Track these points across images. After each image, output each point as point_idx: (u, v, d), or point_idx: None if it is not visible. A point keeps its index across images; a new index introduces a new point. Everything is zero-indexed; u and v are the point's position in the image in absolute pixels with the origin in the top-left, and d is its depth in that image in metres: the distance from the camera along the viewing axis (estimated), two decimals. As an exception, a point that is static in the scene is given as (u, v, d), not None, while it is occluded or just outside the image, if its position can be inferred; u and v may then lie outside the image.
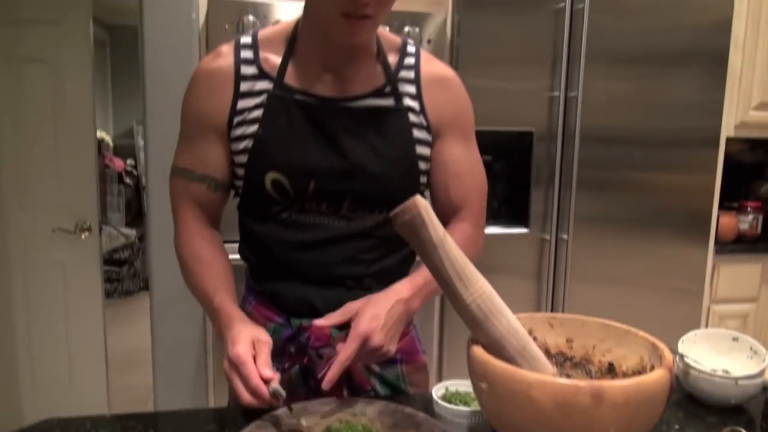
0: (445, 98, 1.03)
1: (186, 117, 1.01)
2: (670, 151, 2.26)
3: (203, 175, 1.00)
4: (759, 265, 2.50)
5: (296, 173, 0.97)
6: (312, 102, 0.97)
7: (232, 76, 0.97)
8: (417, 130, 1.01)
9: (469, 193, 1.06)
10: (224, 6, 1.87)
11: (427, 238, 0.73)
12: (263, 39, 1.00)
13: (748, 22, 2.36)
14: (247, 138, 0.97)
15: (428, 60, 1.04)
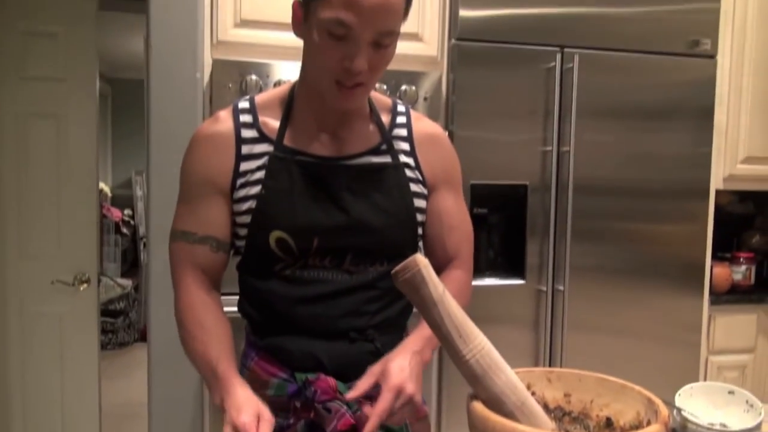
0: (437, 155, 1.09)
1: (187, 179, 1.03)
2: (662, 202, 2.31)
3: (205, 237, 1.01)
4: (754, 315, 2.51)
5: (300, 231, 0.99)
6: (312, 161, 1.01)
7: (232, 139, 1.00)
8: (414, 184, 1.06)
9: (461, 243, 1.12)
10: (228, 66, 1.94)
11: (427, 296, 0.76)
12: (261, 103, 1.04)
13: (731, 80, 2.46)
14: (250, 199, 1.00)
15: (418, 118, 1.11)
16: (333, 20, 0.87)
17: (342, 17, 0.87)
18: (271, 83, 1.95)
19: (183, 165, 1.04)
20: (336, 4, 0.87)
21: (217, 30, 1.98)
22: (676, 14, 2.27)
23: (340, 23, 0.87)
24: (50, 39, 2.32)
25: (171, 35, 1.93)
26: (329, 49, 0.90)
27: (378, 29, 0.89)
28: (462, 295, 1.05)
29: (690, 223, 2.35)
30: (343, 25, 0.88)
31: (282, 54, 2.03)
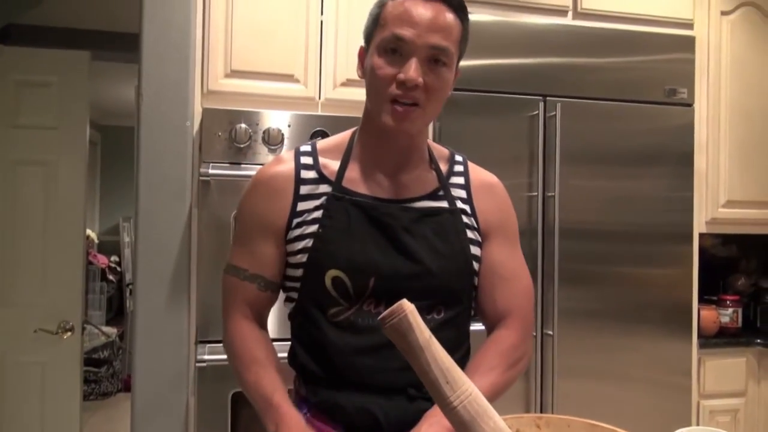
0: (493, 203, 1.10)
1: (244, 218, 1.07)
2: (647, 245, 2.34)
3: (255, 275, 1.03)
4: (743, 359, 2.51)
5: (357, 270, 0.99)
6: (369, 203, 1.02)
7: (292, 179, 1.03)
8: (470, 231, 1.06)
9: (515, 298, 1.08)
10: (218, 114, 1.97)
11: (414, 341, 0.76)
12: (322, 148, 1.07)
13: (709, 127, 2.53)
14: (306, 238, 1.00)
15: (475, 168, 1.14)
16: (388, 37, 0.95)
17: (396, 31, 0.94)
18: (260, 131, 1.99)
19: (242, 204, 1.08)
20: (390, 22, 0.95)
21: (208, 79, 2.02)
22: (653, 64, 2.35)
23: (395, 37, 0.94)
24: (43, 88, 2.36)
25: (162, 85, 1.96)
26: (385, 66, 0.95)
27: (430, 43, 0.94)
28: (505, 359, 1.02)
29: (676, 266, 2.37)
30: (397, 39, 0.94)
31: (271, 103, 2.07)
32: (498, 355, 1.03)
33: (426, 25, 0.94)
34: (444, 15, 0.96)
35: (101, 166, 6.56)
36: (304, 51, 2.10)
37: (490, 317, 1.08)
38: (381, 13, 0.98)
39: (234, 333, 1.04)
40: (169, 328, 1.97)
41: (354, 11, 2.14)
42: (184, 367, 1.97)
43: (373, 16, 1.00)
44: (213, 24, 2.02)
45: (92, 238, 5.91)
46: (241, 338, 1.03)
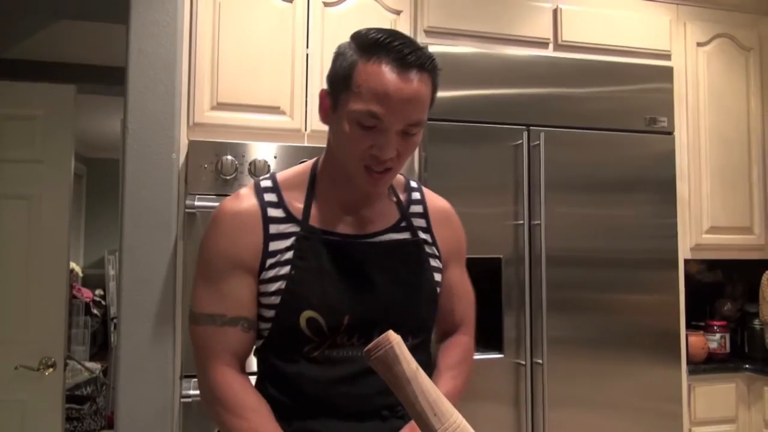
0: (450, 231, 1.16)
1: (211, 258, 1.01)
2: (633, 272, 2.35)
3: (236, 318, 0.99)
4: (733, 384, 2.51)
5: (331, 310, 0.99)
6: (338, 240, 1.03)
7: (259, 217, 1.01)
8: (432, 259, 1.11)
9: (467, 310, 1.20)
10: (204, 147, 1.98)
11: (401, 373, 0.75)
12: (284, 182, 1.06)
13: (690, 155, 2.58)
14: (279, 279, 0.99)
15: (430, 195, 1.18)
16: (364, 112, 0.92)
17: (373, 109, 0.91)
18: (246, 163, 1.99)
19: (206, 243, 1.03)
20: (367, 98, 0.91)
21: (194, 112, 2.03)
22: (633, 93, 2.40)
23: (371, 115, 0.92)
24: (28, 122, 2.35)
25: (148, 117, 1.97)
26: (359, 138, 0.94)
27: (407, 120, 0.94)
28: (467, 358, 1.16)
29: (662, 292, 2.38)
30: (373, 117, 0.92)
31: (257, 135, 2.08)
32: (462, 358, 1.15)
33: (403, 104, 0.92)
34: (420, 85, 0.93)
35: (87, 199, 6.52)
36: (290, 83, 2.12)
37: (447, 327, 1.19)
38: (353, 75, 0.94)
39: (219, 383, 0.98)
40: (153, 362, 1.93)
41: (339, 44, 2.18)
42: (168, 403, 1.93)
43: (342, 74, 0.96)
44: (199, 57, 2.04)
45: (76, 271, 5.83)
46: (228, 387, 0.98)
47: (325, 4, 2.18)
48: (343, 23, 2.19)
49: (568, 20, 2.43)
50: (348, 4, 2.21)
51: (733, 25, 2.67)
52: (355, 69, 0.93)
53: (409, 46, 0.93)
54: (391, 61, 0.91)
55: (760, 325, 2.59)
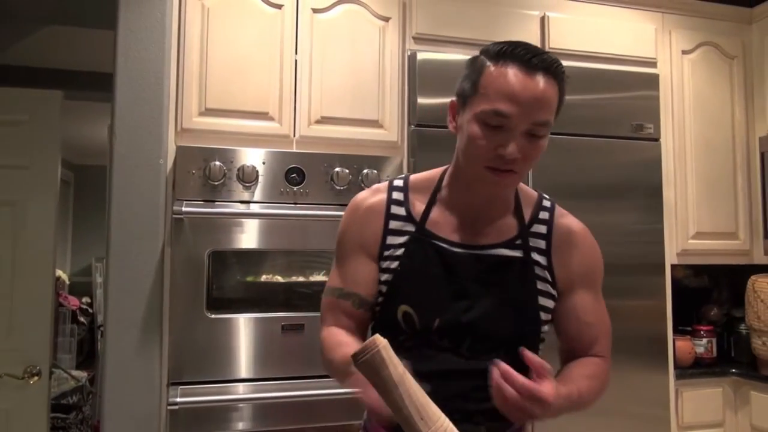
0: (576, 256, 1.12)
1: (341, 240, 1.14)
2: (621, 278, 2.36)
3: (349, 293, 1.09)
4: (720, 389, 2.53)
5: (424, 309, 1.05)
6: (447, 248, 1.07)
7: (383, 212, 1.11)
8: (540, 282, 1.09)
9: (598, 338, 1.13)
10: (191, 152, 1.97)
11: (388, 377, 0.75)
12: (413, 185, 1.14)
13: (676, 161, 2.60)
14: (389, 272, 1.08)
15: (561, 215, 1.15)
16: (490, 111, 0.95)
17: (499, 108, 0.95)
18: (234, 169, 1.99)
19: (341, 228, 1.14)
20: (494, 97, 0.95)
21: (182, 118, 2.02)
22: (620, 101, 2.42)
23: (498, 113, 0.95)
24: (15, 127, 2.33)
25: (135, 123, 1.96)
26: (484, 138, 0.97)
27: (533, 120, 0.96)
28: (595, 380, 1.08)
29: (649, 297, 2.40)
30: (500, 115, 0.95)
31: (245, 141, 2.08)
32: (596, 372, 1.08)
33: (529, 102, 0.95)
34: (546, 86, 0.96)
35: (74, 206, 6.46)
36: (278, 89, 2.12)
37: (577, 352, 1.12)
38: (480, 78, 0.98)
39: (325, 335, 1.09)
40: (139, 369, 1.92)
41: (328, 51, 2.18)
42: (155, 410, 1.92)
43: (471, 78, 1.01)
44: (188, 63, 2.04)
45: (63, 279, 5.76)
46: (330, 334, 1.08)
47: (314, 11, 2.19)
48: (332, 29, 2.20)
49: (556, 28, 2.45)
50: (337, 10, 2.21)
51: (717, 34, 2.71)
52: (482, 73, 0.99)
53: (533, 52, 0.97)
54: (518, 64, 0.96)
55: (746, 330, 2.61)
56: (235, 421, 1.94)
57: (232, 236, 2.00)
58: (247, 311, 2.01)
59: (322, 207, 2.05)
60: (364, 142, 2.20)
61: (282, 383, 1.97)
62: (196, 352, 1.93)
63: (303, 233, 2.05)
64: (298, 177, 2.05)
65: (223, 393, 1.92)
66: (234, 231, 2.00)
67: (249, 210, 2.00)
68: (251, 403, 1.95)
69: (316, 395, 1.95)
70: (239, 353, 1.97)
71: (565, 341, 1.13)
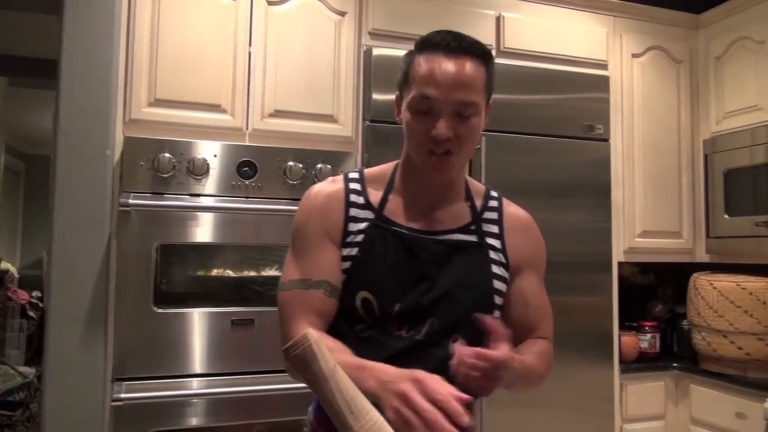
0: (525, 240, 1.18)
1: (302, 230, 1.11)
2: (569, 275, 2.42)
3: (320, 281, 1.06)
4: (662, 382, 2.62)
5: (385, 294, 1.06)
6: (405, 233, 1.10)
7: (343, 199, 1.12)
8: (495, 266, 1.13)
9: (542, 319, 1.20)
10: (140, 143, 1.93)
11: (318, 371, 0.76)
12: (368, 177, 1.16)
13: (624, 162, 2.67)
14: (349, 259, 1.08)
15: (509, 205, 1.21)
16: (417, 97, 1.03)
17: (423, 91, 1.02)
18: (184, 161, 1.95)
19: (299, 217, 1.13)
20: (419, 83, 1.03)
21: (131, 108, 1.98)
22: (571, 102, 2.48)
23: (423, 97, 1.02)
24: (-47, 114, 2.25)
25: (81, 112, 1.91)
26: (418, 124, 1.04)
27: (456, 100, 1.01)
28: (543, 357, 1.13)
29: (597, 294, 2.47)
30: (425, 98, 1.02)
31: (197, 133, 2.05)
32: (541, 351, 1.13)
33: (450, 83, 1.01)
34: (467, 68, 1.02)
35: (24, 196, 6.25)
36: (231, 81, 2.10)
37: (523, 332, 1.15)
38: (409, 70, 1.06)
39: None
40: (83, 365, 1.87)
41: (282, 44, 2.17)
42: (99, 407, 1.88)
43: (402, 71, 1.08)
44: (137, 51, 1.99)
45: (12, 272, 5.57)
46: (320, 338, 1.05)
47: (269, 3, 2.17)
48: (287, 22, 2.18)
49: (511, 28, 2.49)
50: (292, 3, 2.20)
51: (666, 39, 2.79)
52: (411, 64, 1.06)
53: (454, 37, 1.03)
54: (440, 50, 1.02)
55: (688, 326, 2.71)
56: (182, 417, 1.91)
57: (182, 230, 1.97)
58: (196, 306, 1.98)
59: (275, 201, 2.04)
60: (318, 136, 2.20)
61: (231, 378, 1.95)
62: (143, 348, 1.90)
63: (255, 228, 2.04)
64: (251, 171, 2.03)
65: (170, 389, 1.89)
66: (183, 225, 1.97)
67: (199, 203, 1.98)
68: (199, 399, 1.93)
69: (266, 390, 1.94)
70: (187, 348, 1.94)
71: (512, 324, 1.15)
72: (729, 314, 2.42)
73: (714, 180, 2.70)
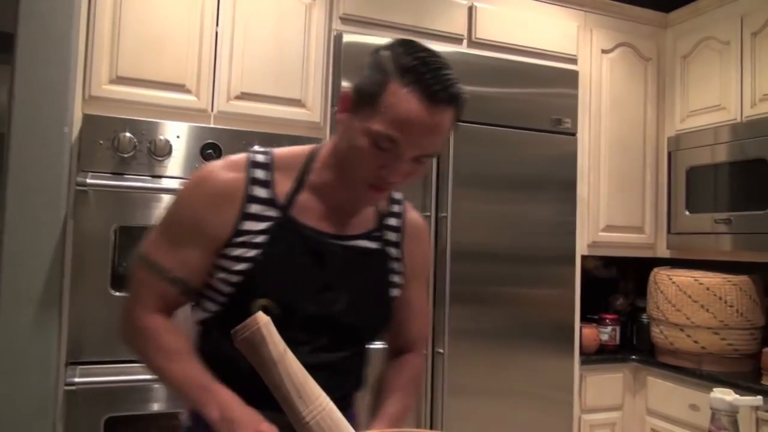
0: (420, 250, 1.16)
1: (181, 217, 1.01)
2: (533, 267, 2.44)
3: (177, 279, 0.99)
4: (620, 374, 2.67)
5: (286, 302, 0.97)
6: (314, 237, 1.01)
7: (241, 195, 0.99)
8: (394, 275, 1.10)
9: (423, 330, 1.21)
10: (100, 121, 1.88)
11: (267, 355, 0.74)
12: (279, 162, 1.03)
13: (590, 156, 2.70)
14: (246, 261, 0.97)
15: (409, 210, 1.17)
16: (383, 135, 0.91)
17: (392, 134, 0.90)
18: (146, 141, 1.90)
19: (182, 202, 1.01)
20: (388, 121, 0.90)
21: (90, 84, 1.92)
22: (541, 96, 2.49)
23: (389, 139, 0.91)
24: None
25: (38, 87, 1.84)
26: (372, 157, 0.93)
27: (423, 151, 0.94)
28: (417, 377, 1.17)
29: (560, 287, 2.50)
30: (391, 141, 0.91)
31: (159, 113, 2.00)
32: (413, 378, 1.16)
33: (423, 134, 0.92)
34: (446, 121, 0.93)
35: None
36: (197, 61, 2.05)
37: (400, 343, 1.18)
38: (383, 93, 0.91)
39: (149, 324, 0.99)
40: (35, 349, 1.82)
41: (251, 24, 2.12)
42: (51, 391, 1.83)
43: (373, 89, 0.93)
44: (98, 25, 1.93)
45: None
46: (159, 329, 0.99)
47: (238, -18, 2.12)
48: (257, 3, 2.14)
49: (483, 18, 2.48)
50: (262, -16, 2.15)
51: (635, 36, 2.83)
52: (386, 90, 0.91)
53: (444, 80, 0.92)
54: (423, 92, 0.90)
55: (647, 319, 2.76)
56: (138, 403, 1.88)
57: (142, 212, 1.92)
58: (155, 290, 1.94)
59: (239, 185, 2.00)
60: (285, 121, 2.16)
61: (189, 364, 1.92)
62: (98, 332, 1.85)
63: (218, 211, 2.00)
64: (215, 153, 1.99)
65: (126, 373, 1.85)
66: (144, 207, 1.92)
67: (161, 185, 1.93)
68: (155, 384, 1.89)
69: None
70: (145, 333, 1.90)
71: (395, 332, 1.16)
72: (686, 308, 2.47)
73: (677, 177, 2.75)
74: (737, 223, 2.45)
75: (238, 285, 0.98)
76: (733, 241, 2.48)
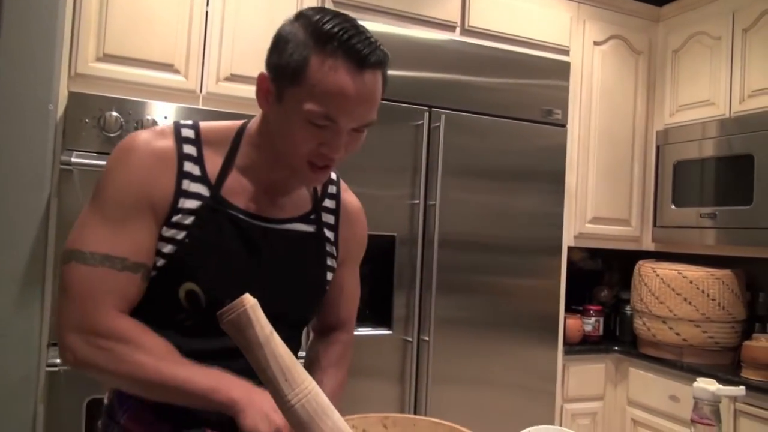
0: (356, 232, 1.13)
1: (117, 192, 0.88)
2: (520, 257, 2.45)
3: (138, 264, 0.89)
4: (603, 365, 2.70)
5: (214, 287, 0.92)
6: (244, 220, 0.95)
7: (175, 166, 0.91)
8: (329, 258, 1.07)
9: (352, 310, 1.18)
10: (86, 100, 1.84)
11: (253, 337, 0.73)
12: (206, 137, 0.95)
13: (580, 148, 2.71)
14: (171, 242, 0.91)
15: (345, 191, 1.13)
16: (318, 113, 0.85)
17: (327, 110, 0.85)
18: (132, 121, 1.88)
19: (112, 175, 0.89)
20: (320, 97, 0.84)
21: (77, 61, 1.89)
22: (532, 87, 2.48)
23: (325, 116, 0.85)
24: None
25: (23, 63, 1.80)
26: (308, 135, 0.88)
27: (362, 121, 0.89)
28: (347, 354, 1.15)
29: (546, 277, 2.51)
30: (327, 118, 0.86)
31: (147, 92, 1.97)
32: (343, 354, 1.14)
33: (360, 103, 0.86)
34: (376, 83, 0.88)
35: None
36: (186, 41, 2.02)
37: (330, 323, 1.16)
38: (306, 70, 0.84)
39: (121, 326, 0.87)
40: (17, 329, 1.80)
41: (242, 6, 2.09)
42: (33, 372, 1.81)
43: (293, 66, 0.85)
44: (86, 1, 1.89)
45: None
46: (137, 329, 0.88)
47: (230, -38, 2.09)
48: (248, -16, 2.10)
49: (476, 6, 2.47)
50: (254, -36, 2.12)
51: (627, 29, 2.83)
52: (308, 65, 0.84)
53: (367, 44, 0.86)
54: (349, 58, 0.84)
55: (630, 311, 2.79)
56: (121, 385, 1.86)
57: (128, 192, 1.89)
58: (140, 272, 1.92)
59: (227, 168, 1.98)
60: (275, 104, 2.14)
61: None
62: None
63: (205, 194, 1.98)
64: (203, 135, 1.97)
65: (109, 355, 1.83)
66: (130, 187, 1.89)
67: (147, 166, 1.90)
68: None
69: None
70: (129, 315, 1.88)
71: (324, 312, 1.14)
72: (669, 301, 2.50)
73: (664, 171, 2.77)
74: (722, 218, 2.48)
75: (162, 269, 0.91)
76: (717, 236, 2.51)
